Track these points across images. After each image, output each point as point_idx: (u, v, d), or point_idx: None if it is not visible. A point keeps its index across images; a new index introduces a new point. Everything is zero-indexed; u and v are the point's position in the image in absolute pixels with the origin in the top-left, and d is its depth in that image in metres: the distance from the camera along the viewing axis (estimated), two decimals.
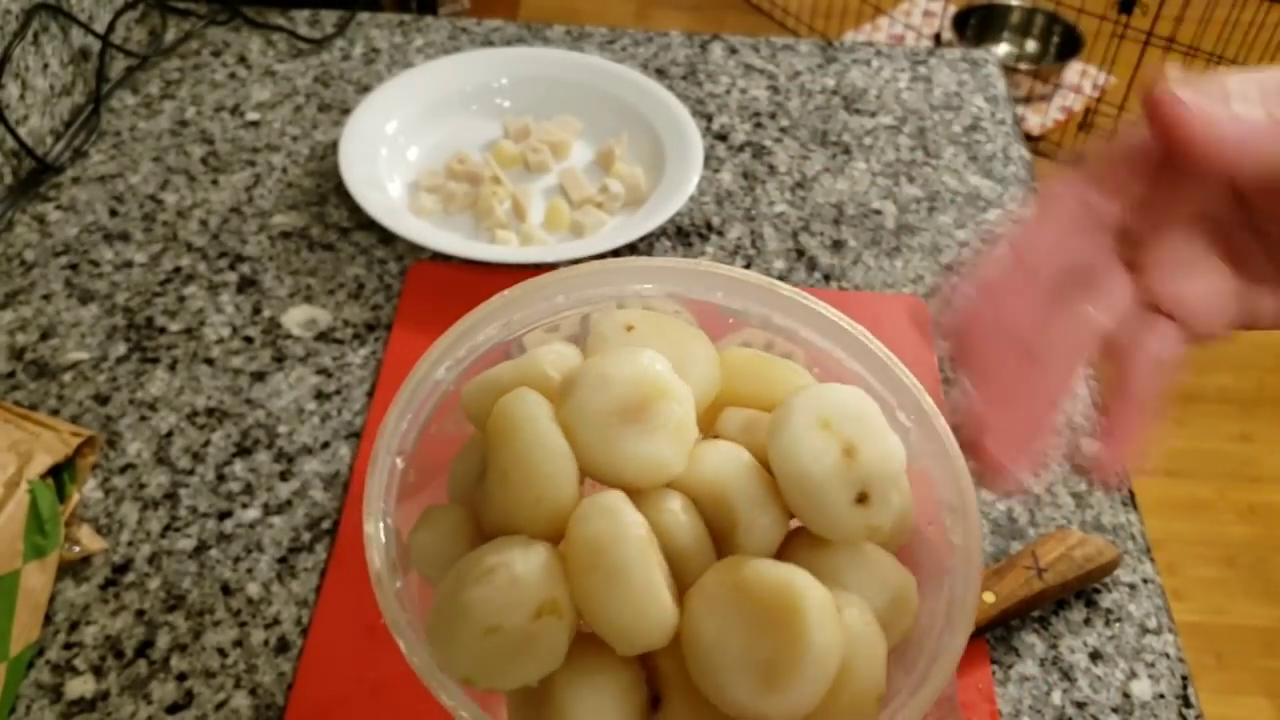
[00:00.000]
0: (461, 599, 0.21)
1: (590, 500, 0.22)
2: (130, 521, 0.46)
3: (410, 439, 0.25)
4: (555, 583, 0.21)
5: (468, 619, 0.21)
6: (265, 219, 0.61)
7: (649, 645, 0.21)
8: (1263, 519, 1.28)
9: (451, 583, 0.22)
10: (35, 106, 0.63)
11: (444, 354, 0.26)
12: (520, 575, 0.21)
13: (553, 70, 0.68)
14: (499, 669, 0.21)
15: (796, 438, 0.23)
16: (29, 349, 0.54)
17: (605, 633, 0.21)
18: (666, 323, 0.28)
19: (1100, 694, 0.42)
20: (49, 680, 0.41)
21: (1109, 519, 0.48)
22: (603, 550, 0.21)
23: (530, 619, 0.21)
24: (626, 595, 0.20)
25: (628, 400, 0.23)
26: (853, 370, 0.27)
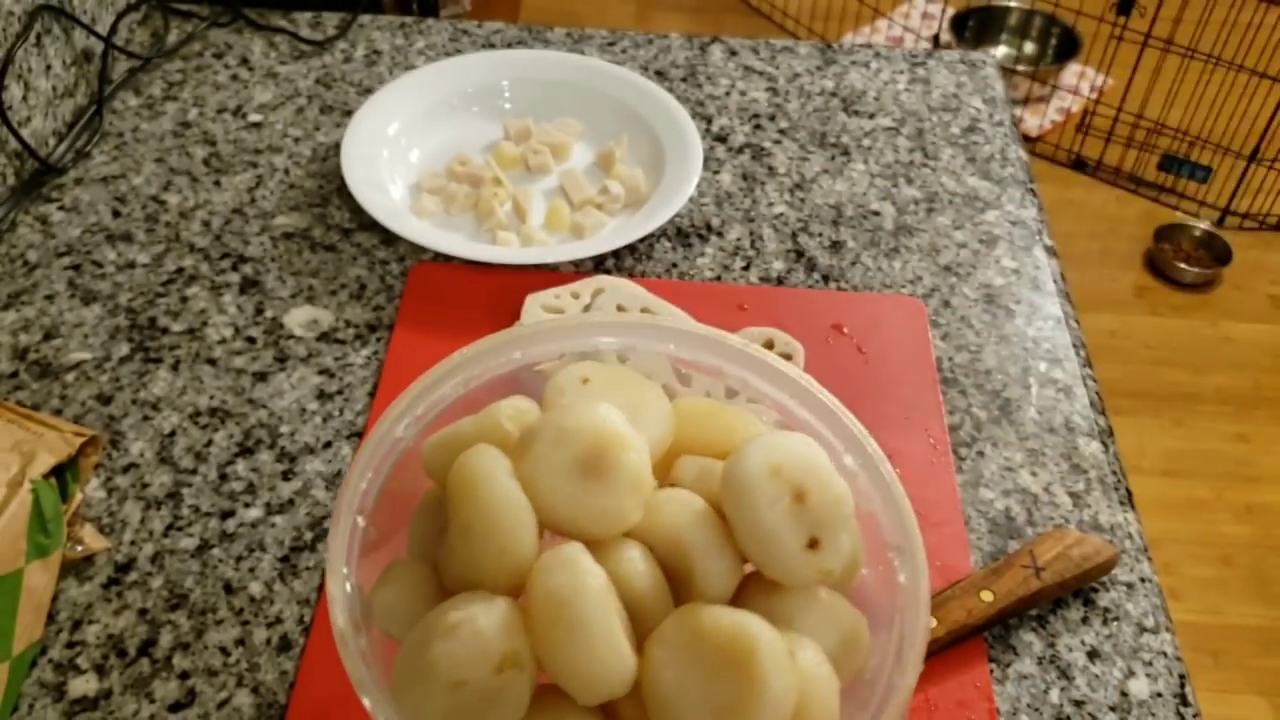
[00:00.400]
0: (426, 655, 0.22)
1: (551, 553, 0.23)
2: (133, 521, 0.47)
3: (371, 497, 0.26)
4: (516, 636, 0.22)
5: (433, 674, 0.21)
6: (267, 220, 0.61)
7: (610, 694, 0.22)
8: (1260, 519, 1.29)
9: (416, 638, 0.22)
10: (38, 108, 0.63)
11: (404, 411, 0.26)
12: (483, 629, 0.21)
13: (553, 72, 0.69)
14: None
15: (748, 485, 0.23)
16: (32, 349, 0.54)
17: (567, 684, 0.22)
18: (621, 374, 0.28)
19: (1098, 693, 0.43)
20: (52, 679, 0.42)
21: (1106, 518, 0.49)
22: (564, 603, 0.21)
23: (493, 672, 0.21)
24: (587, 646, 0.21)
25: (585, 453, 0.24)
26: (801, 418, 0.28)
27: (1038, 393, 0.54)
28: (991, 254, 0.62)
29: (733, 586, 0.25)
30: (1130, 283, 1.55)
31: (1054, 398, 0.54)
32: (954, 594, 0.43)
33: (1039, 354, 0.56)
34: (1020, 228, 0.63)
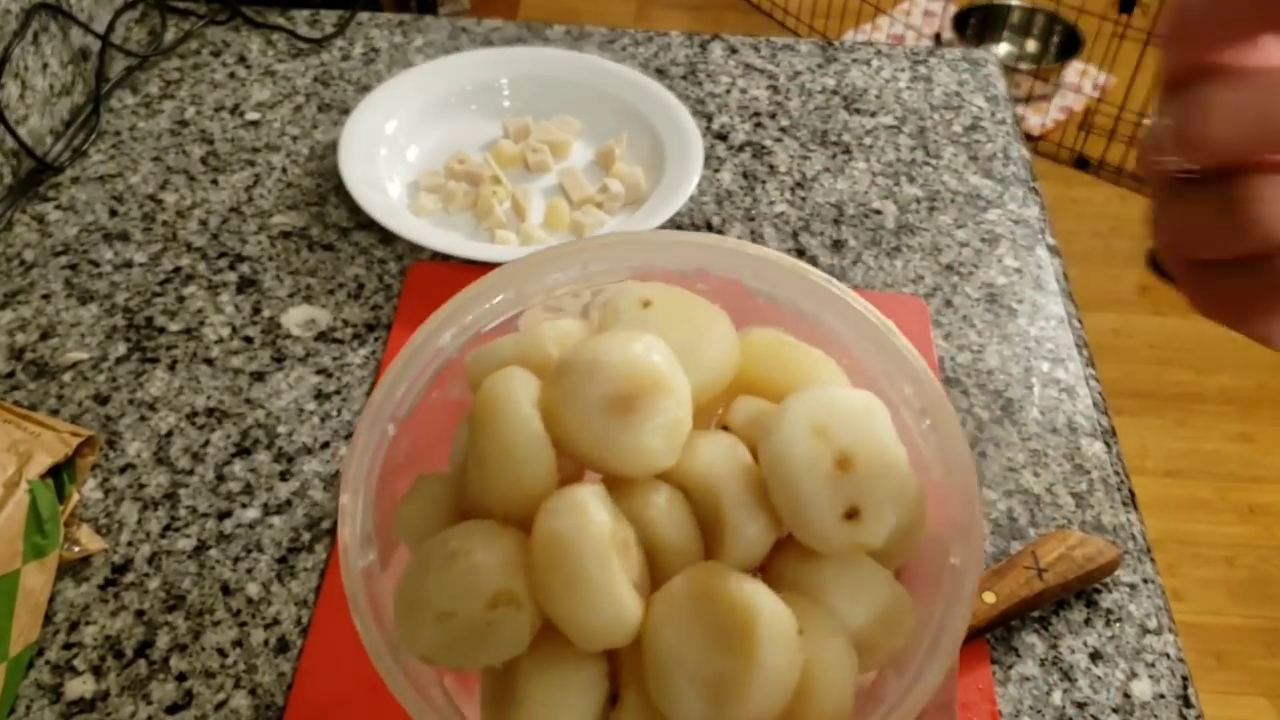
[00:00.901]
0: (421, 581, 0.21)
1: (560, 494, 0.22)
2: (130, 521, 0.46)
3: (406, 405, 0.25)
4: (513, 574, 0.21)
5: (424, 602, 0.21)
6: (265, 219, 0.61)
7: (608, 644, 0.21)
8: (1263, 520, 1.28)
9: (417, 564, 0.22)
10: (35, 106, 0.63)
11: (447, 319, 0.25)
12: (479, 564, 0.21)
13: (552, 70, 0.68)
14: (455, 653, 0.21)
15: (786, 443, 0.22)
16: (28, 349, 0.54)
17: (565, 630, 0.21)
18: (687, 300, 0.26)
19: (1100, 694, 0.42)
20: (49, 680, 0.41)
21: (1109, 519, 0.48)
22: (565, 549, 0.20)
23: (484, 608, 0.20)
24: (585, 596, 0.20)
25: (617, 391, 0.22)
26: (876, 368, 0.25)
27: (1040, 393, 0.54)
28: (994, 253, 0.61)
29: (766, 546, 0.23)
30: (1133, 282, 1.54)
31: (1056, 398, 0.53)
32: None
33: (1041, 353, 0.56)
34: (1022, 226, 0.63)
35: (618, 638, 0.21)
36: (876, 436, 0.22)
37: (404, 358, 0.25)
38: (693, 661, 0.20)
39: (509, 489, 0.22)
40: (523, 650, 0.21)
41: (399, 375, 0.24)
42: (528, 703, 0.21)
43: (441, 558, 0.21)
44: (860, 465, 0.22)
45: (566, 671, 0.21)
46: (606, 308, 0.25)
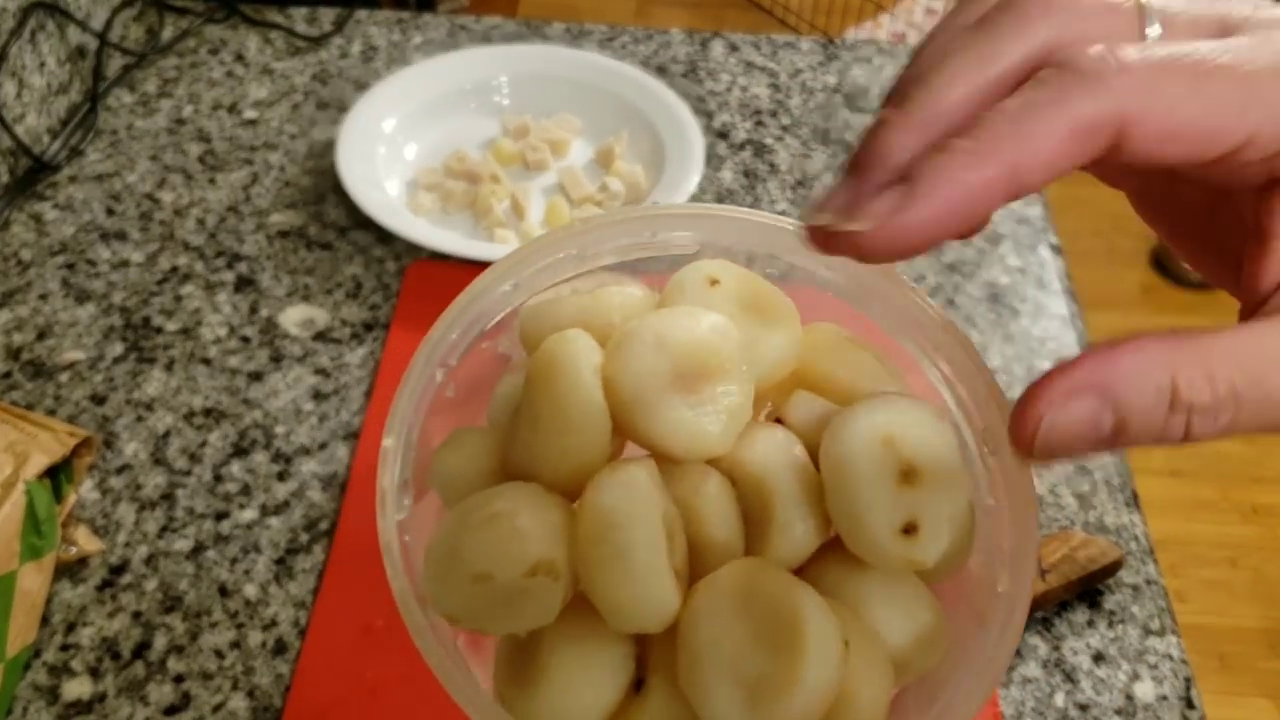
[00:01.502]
0: (459, 539, 0.20)
1: (613, 468, 0.21)
2: (127, 522, 0.46)
3: (458, 352, 0.24)
4: (557, 544, 0.20)
5: (460, 561, 0.20)
6: (262, 218, 0.61)
7: (643, 628, 0.20)
8: (1266, 520, 1.28)
9: (455, 519, 0.21)
10: (31, 105, 0.63)
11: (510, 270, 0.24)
12: (522, 529, 0.20)
13: (552, 68, 0.68)
14: (485, 616, 0.20)
15: (852, 449, 0.21)
16: (25, 349, 0.53)
17: (600, 607, 0.20)
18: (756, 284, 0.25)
19: (1103, 696, 0.42)
20: (46, 682, 0.41)
21: (1112, 520, 0.48)
22: (614, 525, 0.20)
23: (524, 575, 0.20)
24: (627, 576, 0.19)
25: (682, 368, 0.21)
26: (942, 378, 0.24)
27: None
28: (996, 252, 0.61)
29: (811, 548, 0.22)
30: (1136, 281, 1.54)
31: None
32: None
33: (1044, 353, 0.55)
34: (1025, 225, 0.63)
35: (654, 622, 0.20)
36: (943, 452, 0.21)
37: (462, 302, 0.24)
38: (732, 657, 0.19)
39: (560, 457, 0.21)
40: (550, 621, 0.20)
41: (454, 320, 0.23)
42: (552, 674, 0.20)
43: (483, 517, 0.20)
44: (925, 480, 0.21)
45: (595, 649, 0.21)
46: (673, 282, 0.24)
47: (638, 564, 0.19)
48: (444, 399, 0.24)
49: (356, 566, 0.45)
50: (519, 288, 0.24)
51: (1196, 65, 0.17)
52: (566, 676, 0.20)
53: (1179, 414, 0.17)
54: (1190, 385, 0.17)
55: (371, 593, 0.44)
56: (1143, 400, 0.17)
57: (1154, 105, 0.17)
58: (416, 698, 0.41)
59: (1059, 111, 0.17)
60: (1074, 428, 0.17)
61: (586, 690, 0.20)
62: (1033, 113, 0.17)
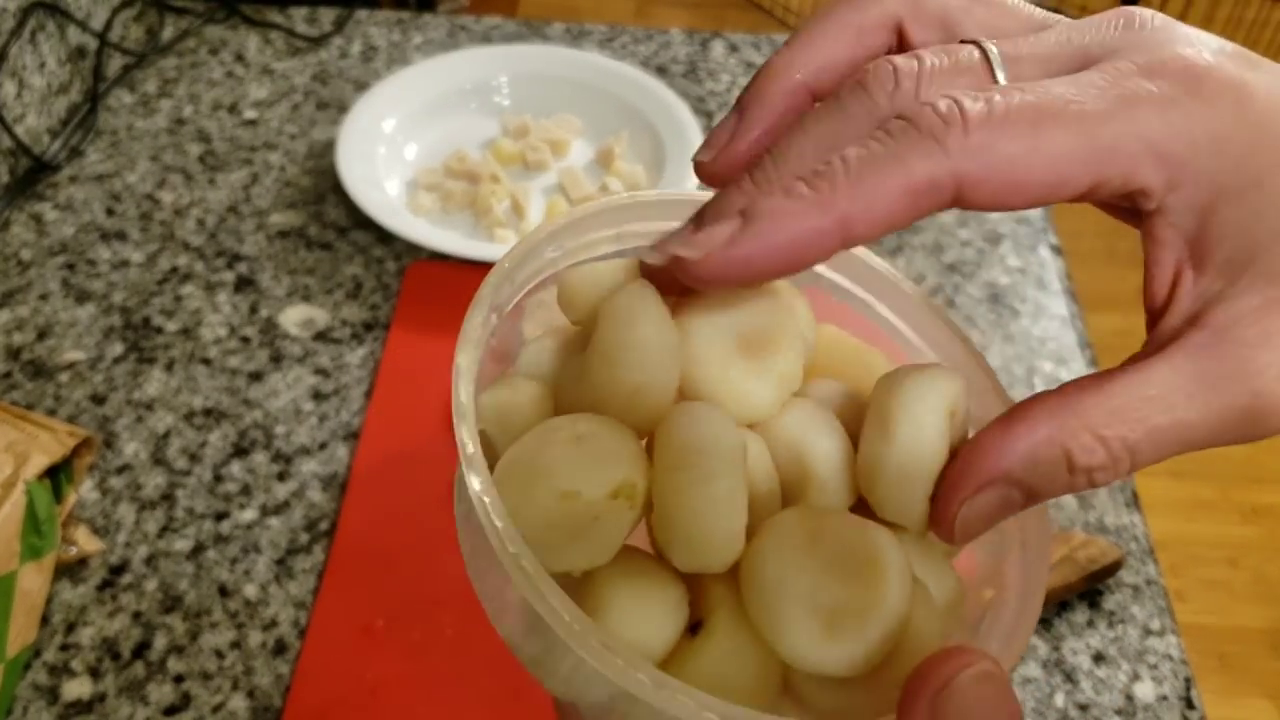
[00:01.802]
0: (544, 456, 0.20)
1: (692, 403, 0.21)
2: (127, 522, 0.46)
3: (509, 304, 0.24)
4: (638, 469, 0.20)
5: (547, 476, 0.20)
6: (262, 218, 0.61)
7: (710, 564, 0.20)
8: (1266, 520, 1.28)
9: (536, 438, 0.21)
10: (32, 105, 0.63)
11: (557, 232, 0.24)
12: (612, 450, 0.20)
13: (552, 68, 0.68)
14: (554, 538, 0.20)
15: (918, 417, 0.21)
16: (25, 349, 0.53)
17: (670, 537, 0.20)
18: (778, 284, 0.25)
19: (1103, 696, 0.42)
20: (46, 682, 0.41)
21: (1112, 520, 0.48)
22: (700, 451, 0.20)
23: (607, 495, 0.20)
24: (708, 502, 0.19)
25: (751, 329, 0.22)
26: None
27: None
28: (996, 252, 0.61)
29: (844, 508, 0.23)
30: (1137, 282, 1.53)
31: None
32: None
33: (1044, 353, 0.55)
34: (1025, 225, 0.63)
35: (723, 556, 0.20)
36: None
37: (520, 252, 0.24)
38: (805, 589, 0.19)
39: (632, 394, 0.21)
40: (607, 560, 0.20)
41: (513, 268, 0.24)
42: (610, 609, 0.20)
43: (570, 437, 0.20)
44: None
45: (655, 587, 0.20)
46: None
47: (720, 490, 0.19)
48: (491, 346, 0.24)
49: (357, 567, 0.45)
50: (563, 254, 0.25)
51: (1038, 115, 0.17)
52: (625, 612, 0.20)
53: (1079, 475, 0.18)
54: (1082, 450, 0.18)
55: (372, 593, 0.44)
56: (1041, 475, 0.18)
57: (992, 164, 0.17)
58: (417, 698, 0.41)
59: (896, 170, 0.17)
60: (988, 512, 0.19)
61: (645, 626, 0.20)
62: (871, 168, 0.17)
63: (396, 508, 0.47)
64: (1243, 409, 0.17)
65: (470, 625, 0.43)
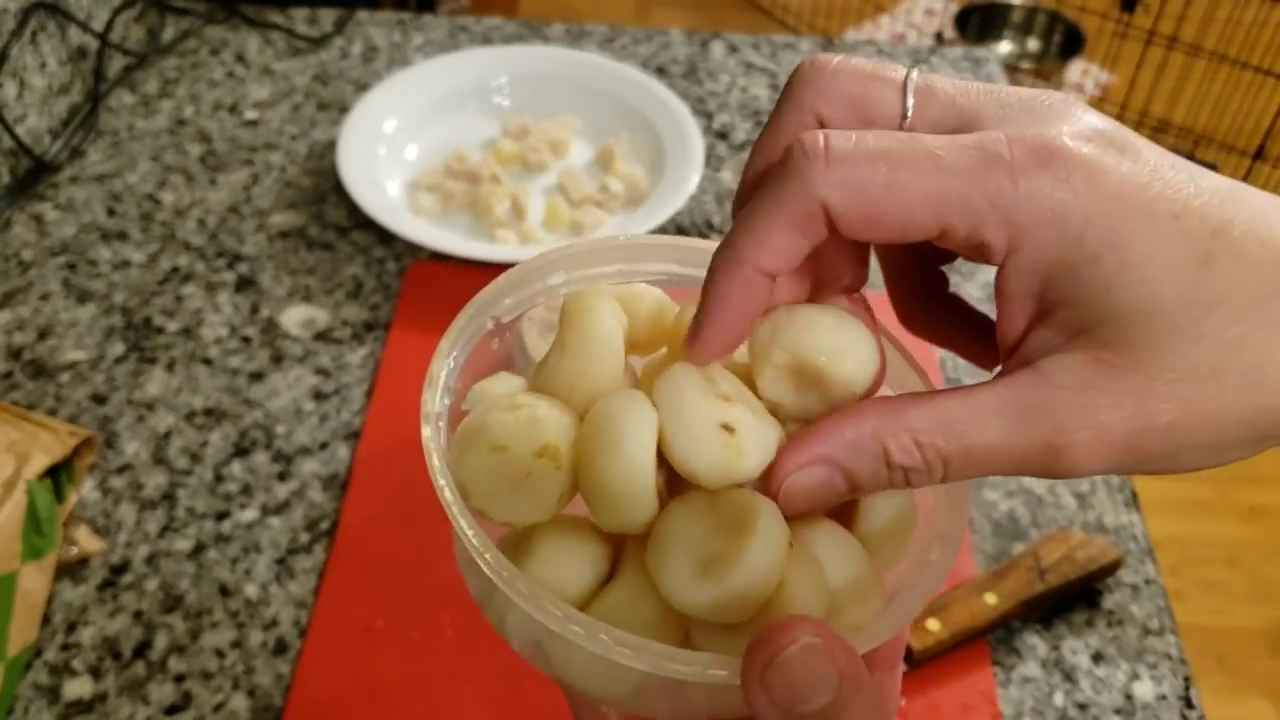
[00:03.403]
0: (486, 417, 0.24)
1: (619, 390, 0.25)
2: (128, 522, 0.46)
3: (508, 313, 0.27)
4: (564, 436, 0.23)
5: (483, 432, 0.24)
6: (263, 218, 0.61)
7: (624, 523, 0.23)
8: (1264, 520, 1.28)
9: (482, 408, 0.25)
10: (33, 105, 0.63)
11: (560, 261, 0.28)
12: (539, 416, 0.24)
13: (552, 68, 0.68)
14: (493, 488, 0.23)
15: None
16: (26, 349, 0.53)
17: (590, 496, 0.23)
18: None
19: (1102, 695, 0.42)
20: (47, 681, 0.41)
21: (1111, 520, 0.48)
22: (612, 419, 0.23)
23: (533, 454, 0.23)
24: (618, 463, 0.22)
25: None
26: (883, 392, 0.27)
27: None
28: None
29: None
30: None
31: None
32: (957, 596, 0.43)
33: None
34: None
35: (635, 519, 0.23)
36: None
37: (518, 272, 0.27)
38: (693, 542, 0.22)
39: (577, 378, 0.25)
40: (546, 518, 0.24)
41: (508, 284, 0.27)
42: (538, 554, 0.23)
43: (508, 404, 0.24)
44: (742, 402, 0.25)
45: (579, 541, 0.24)
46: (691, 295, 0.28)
47: (629, 452, 0.22)
48: (488, 350, 0.28)
49: (357, 566, 0.45)
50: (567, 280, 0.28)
51: (899, 158, 0.19)
52: (551, 557, 0.23)
53: (896, 472, 0.20)
54: (900, 450, 0.20)
55: (372, 592, 0.44)
56: (862, 465, 0.20)
57: (850, 197, 0.19)
58: (417, 697, 0.41)
59: (776, 210, 0.20)
60: (812, 490, 0.21)
61: (567, 571, 0.23)
62: (757, 215, 0.20)
63: (397, 508, 0.47)
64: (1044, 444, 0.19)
65: (470, 625, 0.43)
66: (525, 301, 0.27)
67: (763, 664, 0.19)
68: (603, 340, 0.25)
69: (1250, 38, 1.51)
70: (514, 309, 0.27)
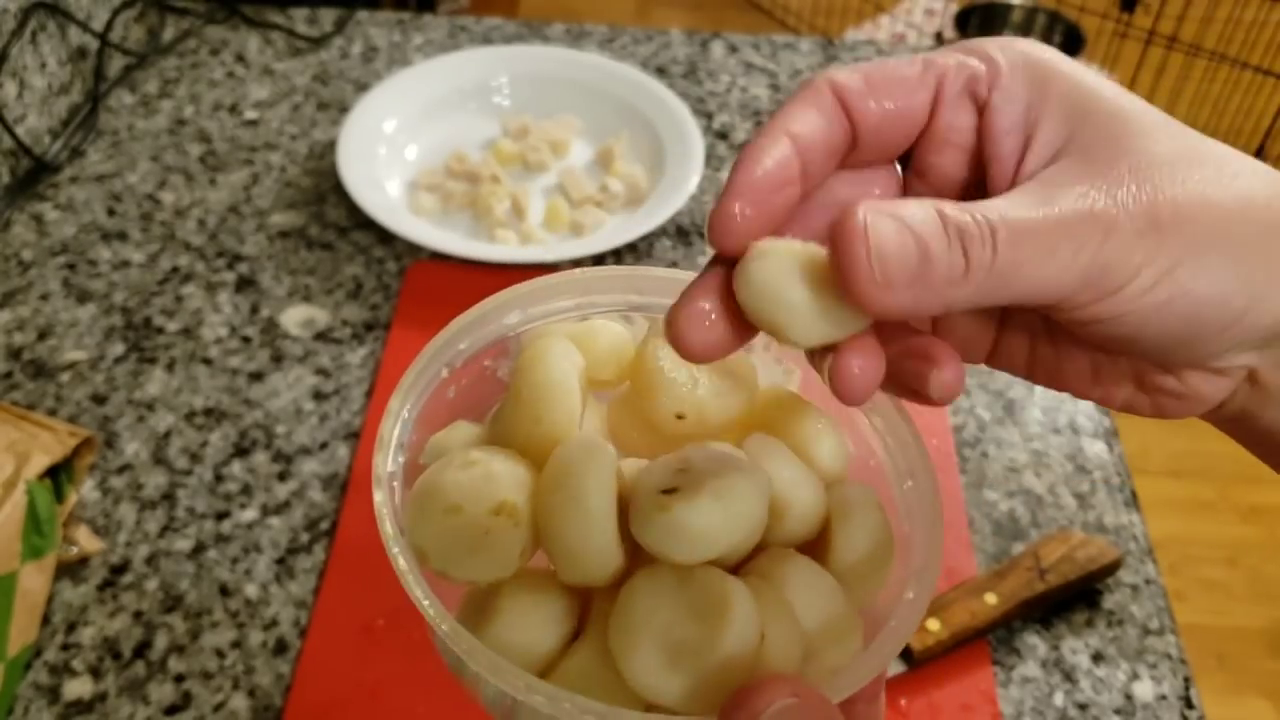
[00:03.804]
0: (438, 477, 0.23)
1: (578, 435, 0.24)
2: (128, 522, 0.46)
3: (463, 357, 0.27)
4: (521, 492, 0.23)
5: (436, 494, 0.23)
6: (263, 218, 0.61)
7: (588, 578, 0.22)
8: (1265, 519, 1.28)
9: (437, 466, 0.24)
10: (33, 105, 0.63)
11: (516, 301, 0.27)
12: (493, 473, 0.23)
13: (552, 68, 0.68)
14: (452, 551, 0.23)
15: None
16: (26, 349, 0.53)
17: (553, 551, 0.23)
18: None
19: (1102, 695, 0.42)
20: (47, 681, 0.41)
21: (1111, 520, 0.48)
22: (571, 473, 0.22)
23: (489, 512, 0.22)
24: (581, 520, 0.22)
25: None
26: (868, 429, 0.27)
27: (1042, 393, 0.53)
28: None
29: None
30: None
31: (1058, 398, 0.53)
32: (957, 596, 0.43)
33: None
34: None
35: (599, 574, 0.22)
36: None
37: (471, 316, 0.26)
38: (662, 624, 0.21)
39: (533, 425, 0.24)
40: (508, 574, 0.23)
41: (463, 328, 0.26)
42: (502, 613, 0.23)
43: (461, 462, 0.23)
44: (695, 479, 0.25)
45: (544, 599, 0.23)
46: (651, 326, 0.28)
47: (590, 508, 0.22)
48: (445, 398, 0.27)
49: (357, 566, 0.45)
50: (524, 319, 0.27)
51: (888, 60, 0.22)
52: (515, 617, 0.23)
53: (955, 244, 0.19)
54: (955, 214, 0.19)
55: (372, 592, 0.44)
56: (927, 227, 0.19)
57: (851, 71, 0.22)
58: (417, 697, 0.41)
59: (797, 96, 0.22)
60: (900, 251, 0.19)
61: (531, 631, 0.23)
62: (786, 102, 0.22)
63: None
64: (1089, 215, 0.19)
65: None
66: (481, 344, 0.27)
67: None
68: (556, 385, 0.24)
69: (1250, 38, 1.51)
70: (469, 353, 0.26)
